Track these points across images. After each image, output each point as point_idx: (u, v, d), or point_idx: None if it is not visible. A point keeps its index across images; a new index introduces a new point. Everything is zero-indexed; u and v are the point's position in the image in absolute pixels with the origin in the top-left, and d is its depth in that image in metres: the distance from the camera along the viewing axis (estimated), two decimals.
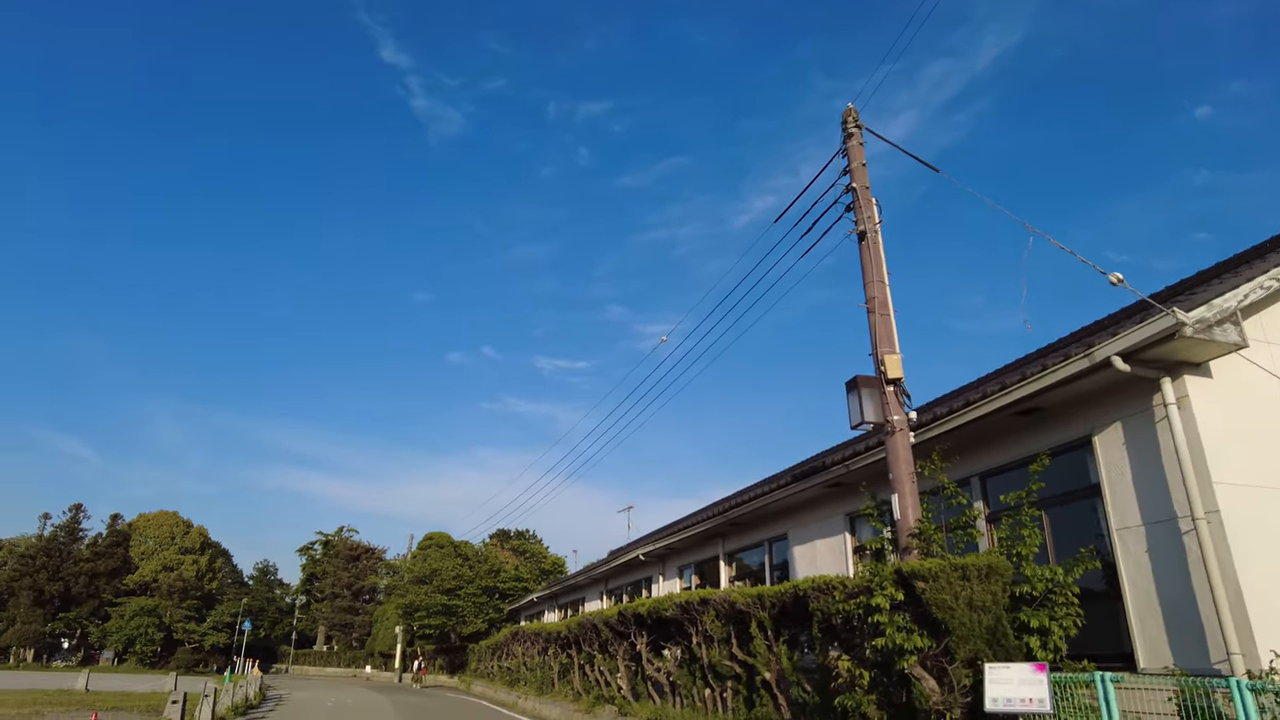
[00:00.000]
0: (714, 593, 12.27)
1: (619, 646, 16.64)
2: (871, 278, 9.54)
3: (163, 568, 64.37)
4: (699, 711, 12.95)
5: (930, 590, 7.21)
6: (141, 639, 58.11)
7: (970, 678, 7.17)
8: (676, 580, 20.30)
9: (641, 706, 15.37)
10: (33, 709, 19.63)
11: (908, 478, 8.60)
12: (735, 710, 11.66)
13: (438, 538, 54.55)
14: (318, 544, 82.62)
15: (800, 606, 10.03)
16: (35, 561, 62.38)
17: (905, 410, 8.95)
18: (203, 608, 66.24)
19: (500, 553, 49.23)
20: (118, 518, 68.24)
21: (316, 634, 79.02)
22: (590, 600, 29.07)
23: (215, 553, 74.02)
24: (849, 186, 10.29)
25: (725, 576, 17.44)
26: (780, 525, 15.03)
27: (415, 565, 48.83)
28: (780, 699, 10.48)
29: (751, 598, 10.96)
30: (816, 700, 9.65)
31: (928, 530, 8.31)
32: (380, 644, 61.78)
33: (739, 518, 15.79)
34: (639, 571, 23.21)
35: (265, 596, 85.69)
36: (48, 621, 61.45)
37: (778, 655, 10.56)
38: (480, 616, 43.61)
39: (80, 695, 25.64)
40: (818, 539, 13.69)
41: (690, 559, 19.58)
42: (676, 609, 12.96)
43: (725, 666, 11.99)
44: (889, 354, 9.05)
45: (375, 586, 73.69)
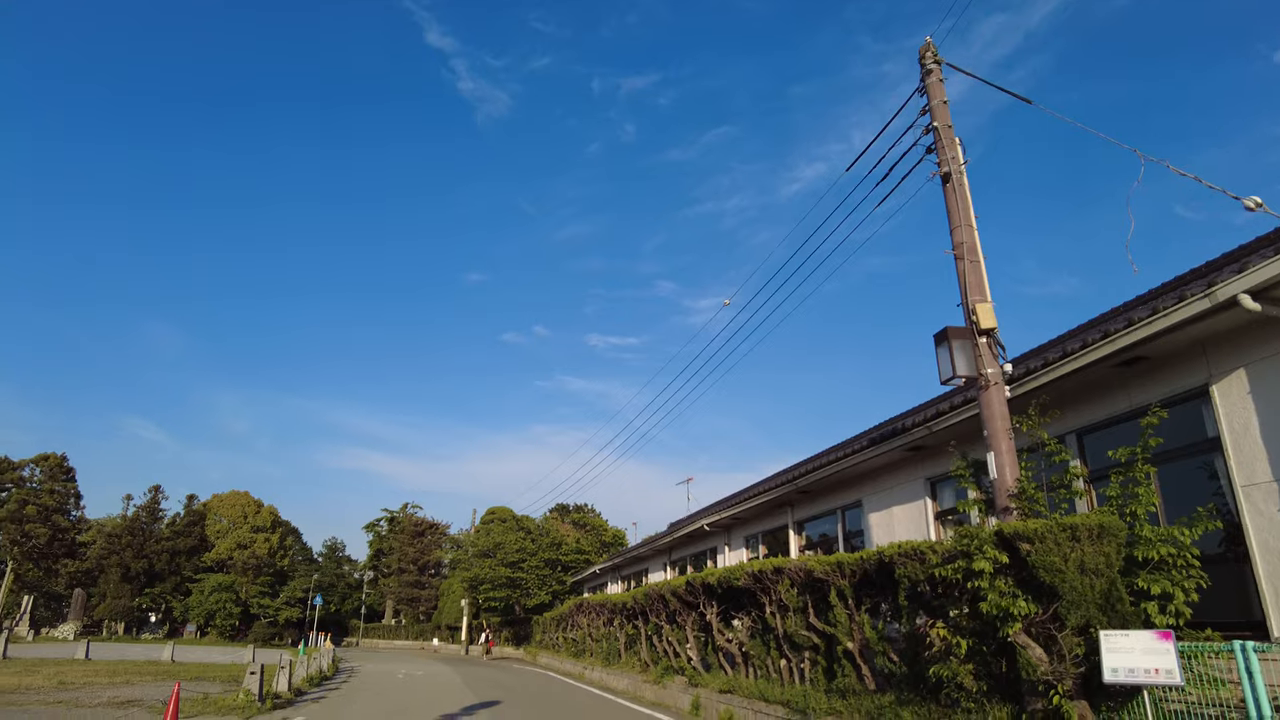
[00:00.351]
0: (789, 561, 11.85)
1: (687, 617, 16.38)
2: (958, 222, 8.88)
3: (237, 545, 66.77)
4: (774, 682, 12.59)
5: (1037, 552, 6.66)
6: (221, 613, 60.57)
7: (1082, 646, 6.63)
8: (743, 550, 19.93)
9: (713, 677, 15.10)
10: (124, 678, 20.32)
11: (1004, 434, 8.00)
12: (814, 681, 11.27)
13: (500, 512, 55.18)
14: (383, 521, 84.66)
15: (884, 574, 9.55)
16: (121, 540, 65.26)
17: (999, 363, 8.32)
18: (275, 584, 68.56)
19: (561, 526, 49.57)
20: (193, 498, 70.96)
21: (385, 608, 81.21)
22: (653, 571, 28.95)
23: (285, 531, 76.42)
24: (929, 126, 9.60)
25: (794, 546, 17.00)
26: (854, 492, 14.49)
27: (478, 539, 49.52)
28: (864, 669, 10.04)
29: (830, 565, 10.51)
30: (904, 670, 9.18)
31: (1028, 490, 7.72)
32: (446, 617, 63.08)
33: (809, 485, 15.29)
34: (703, 542, 22.92)
35: (334, 572, 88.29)
36: (135, 596, 64.33)
37: (860, 624, 10.10)
38: (543, 589, 43.99)
39: (166, 666, 26.60)
40: (895, 505, 13.13)
41: (756, 529, 19.17)
42: (749, 578, 12.59)
43: (802, 637, 11.59)
44: (980, 303, 8.41)
45: (440, 561, 75.21)
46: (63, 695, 15.61)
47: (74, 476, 65.15)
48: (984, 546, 7.04)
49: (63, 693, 16.21)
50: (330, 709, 15.10)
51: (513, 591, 44.40)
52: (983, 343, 8.29)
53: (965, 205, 8.95)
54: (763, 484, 19.56)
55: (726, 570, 13.31)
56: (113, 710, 13.54)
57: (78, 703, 14.45)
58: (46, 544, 61.12)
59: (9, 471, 63.02)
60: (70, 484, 64.68)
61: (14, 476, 62.88)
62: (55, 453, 64.88)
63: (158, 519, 68.54)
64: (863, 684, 10.06)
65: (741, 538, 20.04)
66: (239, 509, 69.67)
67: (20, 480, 62.91)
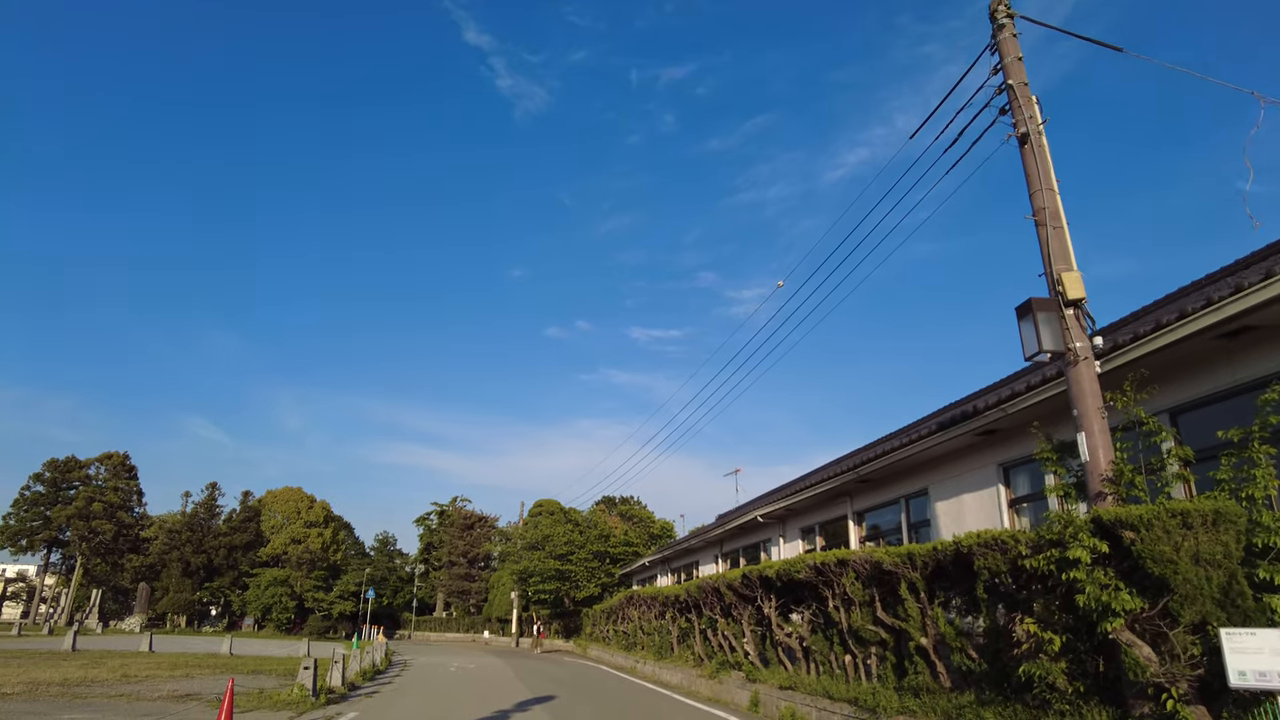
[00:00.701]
0: (853, 553, 11.29)
1: (743, 610, 15.90)
2: (1038, 185, 8.21)
3: (291, 540, 68.17)
4: (838, 679, 12.05)
5: (1143, 541, 6.03)
6: (277, 607, 61.90)
7: (1198, 645, 5.99)
8: (799, 542, 19.35)
9: (771, 673, 14.60)
10: (184, 671, 20.59)
11: (1096, 414, 7.34)
12: (882, 678, 10.71)
13: (548, 505, 55.28)
14: (433, 514, 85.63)
15: (961, 565, 8.95)
16: (181, 536, 67.10)
17: (1088, 335, 7.66)
18: (329, 578, 69.83)
19: (609, 518, 49.43)
20: (249, 495, 72.62)
21: (435, 601, 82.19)
22: (704, 564, 28.48)
23: (338, 526, 77.83)
24: (1001, 86, 8.92)
25: (855, 537, 16.38)
26: (919, 480, 13.83)
27: (527, 532, 49.65)
28: (939, 666, 9.46)
29: (900, 557, 9.93)
30: (984, 668, 8.58)
31: (1126, 473, 7.06)
32: (496, 610, 63.51)
33: (870, 474, 14.66)
34: (756, 534, 22.37)
35: (386, 566, 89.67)
36: (196, 590, 66.09)
37: (934, 619, 9.52)
38: (592, 581, 43.89)
39: (225, 659, 27.00)
40: (965, 493, 12.46)
41: (813, 520, 18.57)
42: (810, 571, 12.06)
43: (869, 632, 11.03)
44: (1066, 271, 7.75)
45: (489, 554, 75.82)
46: (125, 688, 15.78)
47: (136, 474, 67.13)
48: (1080, 534, 6.44)
49: (125, 685, 16.41)
50: (383, 704, 14.98)
51: (562, 584, 44.38)
52: (1070, 314, 7.63)
53: (1045, 167, 8.28)
54: (819, 473, 18.95)
55: (786, 563, 12.79)
56: (171, 704, 13.58)
57: (138, 696, 14.56)
58: (112, 540, 63.07)
59: (76, 470, 65.19)
60: (133, 482, 66.64)
61: (81, 475, 65.03)
62: (118, 452, 66.93)
63: (215, 515, 70.29)
64: (937, 682, 9.48)
65: (797, 529, 19.45)
66: (292, 505, 71.09)
67: (87, 479, 65.04)
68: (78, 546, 62.52)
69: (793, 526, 19.68)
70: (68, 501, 62.78)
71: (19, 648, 31.13)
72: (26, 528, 62.58)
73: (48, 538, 62.67)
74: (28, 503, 63.25)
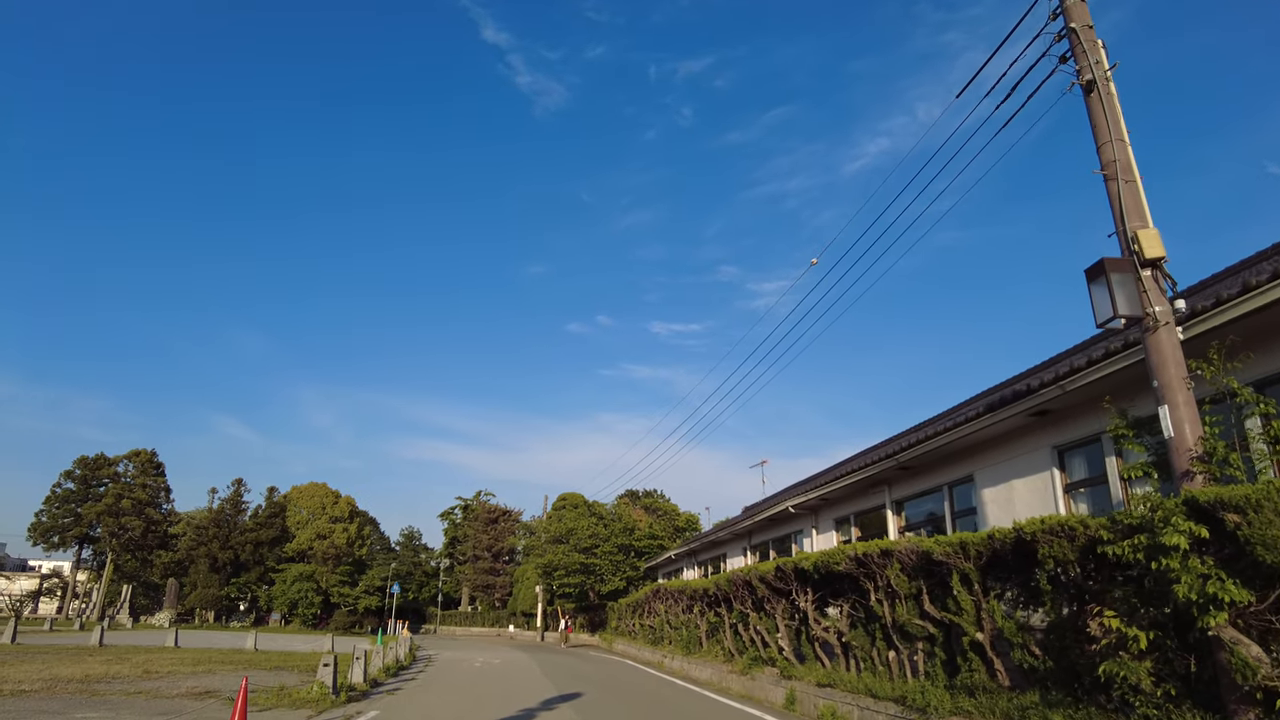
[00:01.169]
0: (898, 542, 10.59)
1: (777, 604, 15.25)
2: (1107, 137, 7.44)
3: (316, 536, 68.30)
4: (880, 676, 11.37)
5: (1253, 525, 5.30)
6: (303, 602, 61.98)
7: None
8: (832, 533, 18.63)
9: (808, 670, 13.94)
10: (206, 667, 20.32)
11: (1181, 384, 6.59)
12: (931, 675, 10.01)
13: (571, 498, 54.87)
14: (457, 509, 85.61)
15: (1021, 554, 8.24)
16: (208, 532, 67.46)
17: (1168, 298, 6.90)
18: (355, 573, 69.91)
19: (633, 511, 48.84)
20: (274, 490, 72.77)
21: (461, 595, 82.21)
22: (732, 556, 27.81)
23: (363, 521, 77.92)
24: (1061, 32, 8.16)
25: (893, 527, 15.64)
26: (964, 466, 13.08)
27: (551, 526, 49.24)
28: (996, 663, 8.75)
29: (951, 546, 9.23)
30: (1049, 665, 7.87)
31: (1219, 450, 6.30)
32: (521, 604, 63.27)
33: (910, 460, 13.92)
34: (787, 525, 21.67)
35: (412, 561, 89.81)
36: (223, 586, 66.47)
37: (990, 612, 8.80)
38: (617, 575, 43.38)
39: (249, 655, 26.80)
40: (1015, 479, 11.69)
41: (847, 510, 17.85)
42: (850, 562, 11.37)
43: (916, 626, 10.34)
44: (1142, 228, 6.99)
45: (514, 548, 75.63)
46: (145, 685, 15.47)
47: (163, 471, 67.54)
48: (1174, 518, 5.71)
49: (146, 682, 16.11)
50: (405, 701, 14.51)
51: (586, 578, 43.92)
52: (1147, 275, 6.88)
53: (1115, 117, 7.51)
54: (855, 460, 18.21)
55: (824, 554, 12.11)
56: (188, 701, 13.21)
57: (157, 693, 14.21)
58: (141, 536, 63.52)
59: (105, 468, 65.72)
60: (160, 478, 67.07)
61: (110, 472, 65.54)
62: (145, 449, 67.39)
63: (241, 511, 70.60)
64: (994, 680, 8.77)
65: (830, 520, 18.72)
66: (317, 500, 71.26)
67: (115, 476, 65.54)
68: (108, 543, 63.04)
69: (826, 517, 18.96)
70: (97, 498, 63.27)
71: (48, 643, 31.18)
72: (58, 524, 63.19)
73: (79, 534, 63.23)
74: (59, 500, 63.84)
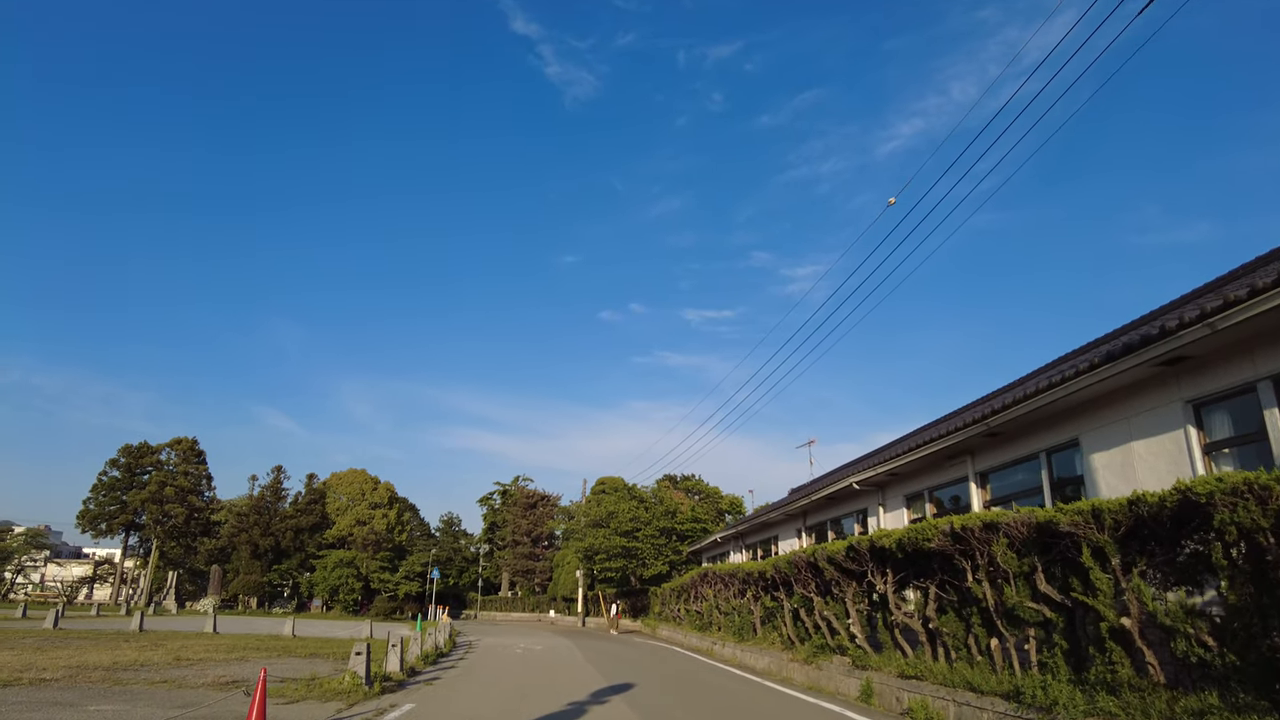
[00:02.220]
0: (1006, 514, 9.12)
1: (847, 588, 13.84)
2: None
3: (356, 522, 68.29)
4: (979, 668, 9.93)
5: None
6: (344, 588, 61.87)
7: None
8: (902, 510, 17.10)
9: (885, 659, 12.53)
10: (240, 654, 19.58)
11: None
12: (1050, 668, 8.54)
13: (610, 482, 53.80)
14: (496, 494, 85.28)
15: (1180, 522, 6.76)
16: (249, 519, 67.82)
17: None
18: (394, 558, 69.82)
19: (674, 494, 47.51)
20: (313, 477, 72.95)
21: (500, 581, 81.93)
22: (785, 538, 26.35)
23: (402, 507, 77.83)
24: None
25: (977, 501, 14.08)
26: (1066, 428, 11.50)
27: (590, 509, 48.14)
28: (1147, 655, 7.26)
29: (1081, 515, 7.74)
30: (1231, 660, 6.37)
31: None
32: (561, 589, 62.58)
33: (1002, 425, 12.35)
34: (849, 504, 20.16)
35: (452, 547, 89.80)
36: (265, 573, 66.80)
37: (1136, 593, 7.31)
38: (660, 559, 42.11)
39: (286, 641, 26.18)
40: (1135, 440, 10.10)
41: (921, 485, 16.31)
42: (944, 538, 9.92)
43: (1028, 610, 8.87)
44: None
45: (553, 533, 75.01)
46: (173, 673, 14.64)
47: (204, 459, 67.94)
48: None
49: (175, 669, 15.29)
50: (444, 692, 13.40)
51: (628, 562, 42.74)
52: None
53: None
54: (931, 430, 16.64)
55: (912, 530, 10.67)
56: (212, 692, 12.24)
57: (182, 682, 13.32)
58: (184, 523, 64.01)
59: (149, 455, 66.31)
60: (202, 466, 67.49)
61: (153, 460, 66.12)
62: (187, 437, 67.86)
63: (281, 498, 70.87)
64: (1144, 676, 7.29)
65: (900, 497, 17.19)
66: (357, 486, 71.26)
67: (158, 464, 66.10)
68: (152, 530, 63.64)
69: (895, 494, 17.44)
70: (141, 486, 63.89)
71: (91, 628, 30.93)
72: (105, 512, 63.93)
73: (125, 521, 63.89)
74: (105, 487, 64.57)
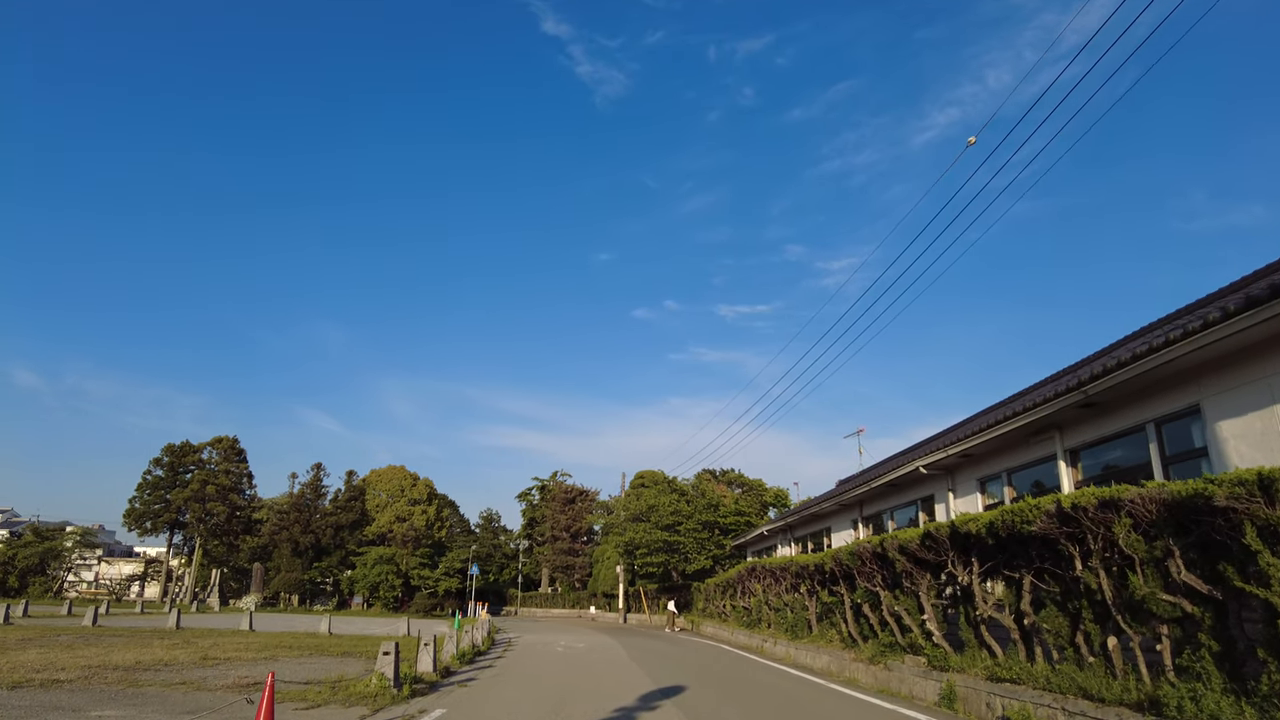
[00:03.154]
0: (1129, 490, 7.69)
1: (920, 580, 12.43)
2: None
3: (395, 518, 68.03)
4: (1093, 671, 8.48)
5: None
6: (384, 585, 61.49)
7: None
8: (976, 496, 15.56)
9: (969, 659, 11.11)
10: (270, 653, 18.80)
11: None
12: (1198, 674, 7.09)
13: (649, 476, 52.63)
14: (535, 490, 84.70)
15: None
16: (289, 516, 68.00)
17: None
18: (434, 555, 69.47)
19: (716, 486, 46.05)
20: (353, 474, 72.96)
21: (540, 576, 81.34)
22: (839, 530, 24.85)
23: (441, 503, 77.50)
24: None
25: (1068, 482, 12.52)
26: (1182, 394, 9.94)
27: (630, 503, 46.95)
28: None
29: (1245, 486, 6.31)
30: None
31: None
32: (602, 584, 61.59)
33: (1100, 394, 10.82)
34: (913, 490, 18.63)
35: (491, 543, 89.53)
36: (305, 570, 66.89)
37: None
38: (703, 553, 40.67)
39: (322, 639, 25.51)
40: None
41: (998, 466, 14.76)
42: (1048, 520, 8.50)
43: (1162, 604, 7.42)
44: None
45: (592, 528, 74.09)
46: (194, 673, 13.81)
47: (245, 457, 68.25)
48: None
49: (198, 669, 14.46)
50: (477, 696, 12.28)
51: (670, 556, 41.40)
52: None
53: None
54: (1009, 405, 15.07)
55: (1008, 512, 9.24)
56: (230, 694, 11.27)
57: (201, 683, 12.41)
58: (225, 521, 64.30)
59: (191, 454, 66.79)
60: (243, 464, 67.79)
61: (195, 459, 66.58)
62: (228, 435, 68.22)
63: (321, 495, 70.98)
64: None
65: (973, 481, 15.64)
66: (396, 483, 71.04)
67: (200, 462, 66.53)
68: (195, 528, 64.04)
69: (967, 478, 15.91)
70: (184, 485, 64.32)
71: (130, 625, 30.63)
72: (150, 510, 64.51)
73: (168, 520, 64.38)
74: (149, 486, 65.15)
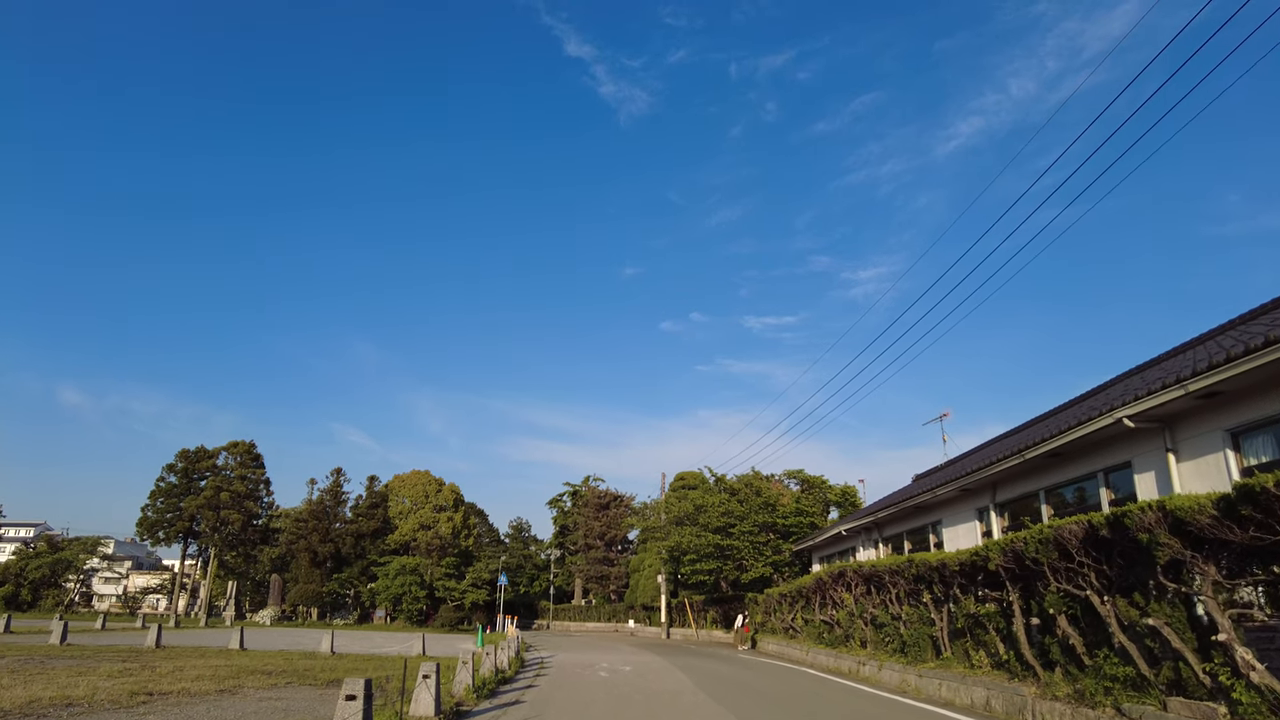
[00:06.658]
0: None
1: (1204, 572, 7.84)
2: None
3: (419, 526, 63.93)
4: None
5: None
6: (407, 597, 57.03)
7: None
8: (1220, 458, 10.86)
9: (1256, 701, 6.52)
10: (237, 681, 14.69)
11: None
12: None
13: (690, 477, 48.04)
14: (566, 495, 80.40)
15: None
16: (307, 524, 64.38)
17: None
18: (461, 565, 65.31)
19: (772, 484, 41.02)
20: (374, 480, 69.13)
21: (573, 588, 76.89)
22: (951, 524, 20.02)
23: (469, 511, 73.34)
24: None
25: None
26: None
27: (671, 506, 42.20)
28: None
29: None
30: None
31: None
32: (640, 596, 56.97)
33: None
34: (1089, 460, 13.70)
35: (521, 553, 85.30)
36: (324, 582, 63.11)
37: None
38: (760, 559, 35.69)
39: (321, 659, 21.51)
40: None
41: (1247, 415, 10.10)
42: None
43: None
44: None
45: (627, 536, 69.57)
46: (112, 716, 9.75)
47: (262, 463, 64.84)
48: None
49: (106, 714, 10.31)
50: None
51: (723, 563, 36.49)
52: None
53: None
54: None
55: None
56: None
57: None
58: (240, 530, 60.84)
59: (205, 459, 63.50)
60: (259, 470, 64.37)
61: (209, 464, 63.26)
62: (244, 440, 64.86)
63: (341, 502, 67.34)
64: None
65: (1218, 434, 10.83)
66: (420, 489, 67.00)
67: (215, 468, 63.20)
68: (209, 538, 60.66)
69: (1199, 432, 11.17)
70: (198, 492, 60.99)
71: (105, 643, 26.43)
72: (163, 519, 61.32)
73: (181, 528, 61.06)
74: (163, 494, 61.95)
